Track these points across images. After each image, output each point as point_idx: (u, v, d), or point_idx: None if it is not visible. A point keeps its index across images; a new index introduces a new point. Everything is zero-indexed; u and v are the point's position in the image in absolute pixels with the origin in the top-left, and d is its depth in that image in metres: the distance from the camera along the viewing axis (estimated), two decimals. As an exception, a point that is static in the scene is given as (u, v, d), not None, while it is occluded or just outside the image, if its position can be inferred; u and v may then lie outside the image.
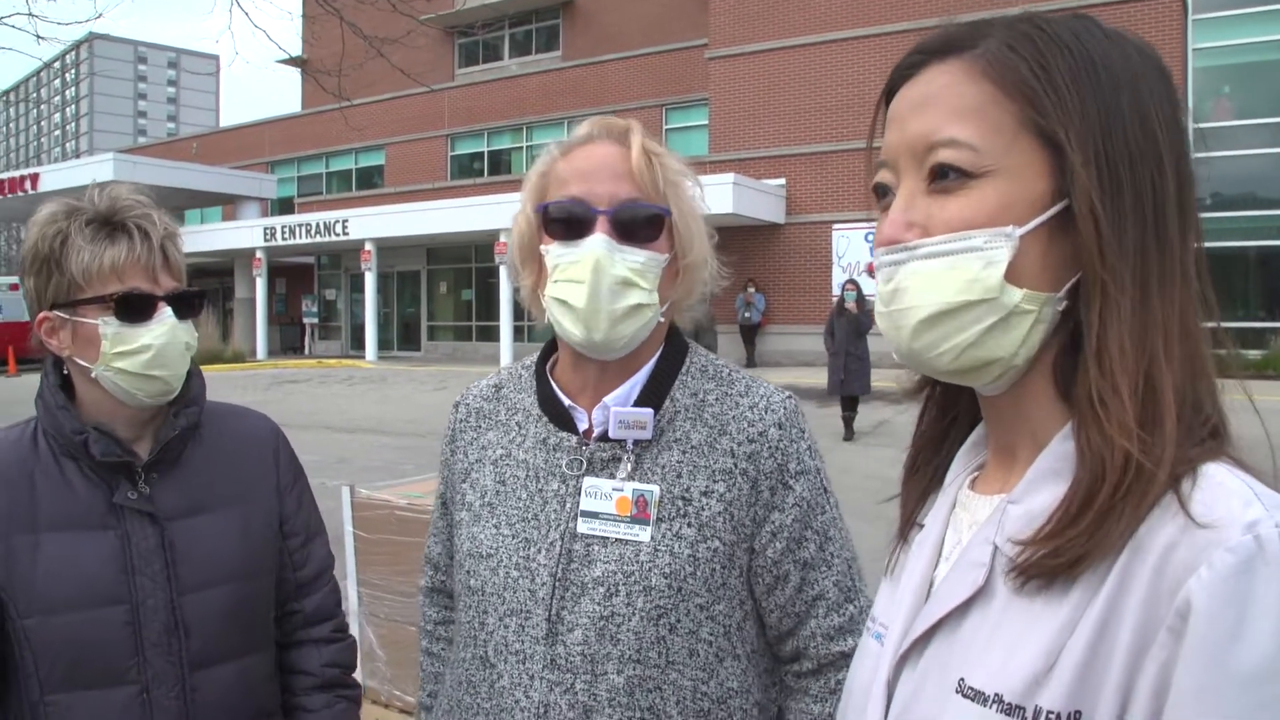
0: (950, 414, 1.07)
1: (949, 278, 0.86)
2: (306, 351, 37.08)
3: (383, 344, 33.43)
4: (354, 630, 4.20)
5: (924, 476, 1.08)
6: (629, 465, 1.50)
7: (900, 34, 23.95)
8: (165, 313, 1.71)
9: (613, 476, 1.50)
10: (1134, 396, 0.81)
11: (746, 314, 25.59)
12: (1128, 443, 0.79)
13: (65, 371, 1.79)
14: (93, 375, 1.71)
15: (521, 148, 35.26)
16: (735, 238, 26.07)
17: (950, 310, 0.87)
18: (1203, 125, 22.91)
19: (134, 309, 1.69)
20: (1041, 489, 0.87)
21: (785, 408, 1.56)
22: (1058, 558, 0.81)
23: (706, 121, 29.35)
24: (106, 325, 1.68)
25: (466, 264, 33.53)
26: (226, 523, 1.81)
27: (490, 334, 31.37)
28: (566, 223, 1.50)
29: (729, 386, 1.58)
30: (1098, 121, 0.84)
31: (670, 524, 1.47)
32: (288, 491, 1.94)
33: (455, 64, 39.66)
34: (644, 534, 1.46)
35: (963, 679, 0.86)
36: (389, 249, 32.06)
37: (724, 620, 1.49)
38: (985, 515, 0.94)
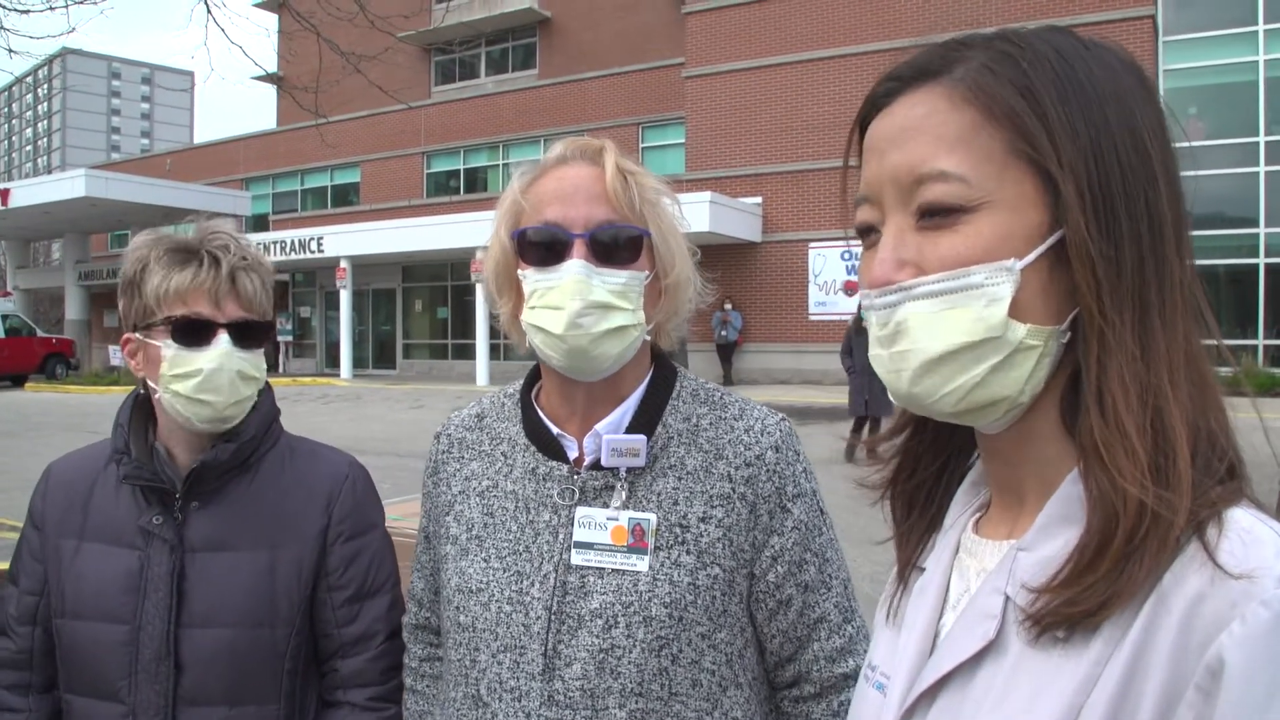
0: (946, 451, 1.02)
1: (951, 318, 0.82)
2: (281, 369, 36.86)
3: (358, 362, 33.27)
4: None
5: (923, 518, 1.03)
6: (623, 493, 1.46)
7: (877, 53, 24.10)
8: (222, 339, 1.72)
9: (607, 505, 1.46)
10: (1142, 437, 0.76)
11: (723, 332, 25.61)
12: (1138, 489, 0.74)
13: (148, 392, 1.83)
14: (156, 397, 1.76)
15: (498, 165, 35.26)
16: (712, 256, 25.84)
17: (953, 352, 0.82)
18: (1174, 146, 23.18)
19: (190, 333, 1.72)
20: (1054, 535, 0.82)
21: (781, 430, 1.53)
22: (1075, 606, 0.76)
23: (683, 140, 29.46)
24: (167, 348, 1.72)
25: (442, 282, 33.45)
26: (248, 564, 1.77)
27: (466, 352, 31.29)
28: (543, 248, 1.45)
29: (722, 410, 1.54)
30: (1088, 144, 0.80)
31: (669, 552, 1.43)
32: (339, 543, 1.85)
33: (432, 81, 39.67)
34: (642, 563, 1.42)
35: None
36: (364, 266, 31.96)
37: (726, 648, 1.45)
38: (993, 561, 0.89)
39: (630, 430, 1.49)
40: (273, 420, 1.88)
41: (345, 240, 30.41)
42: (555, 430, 1.53)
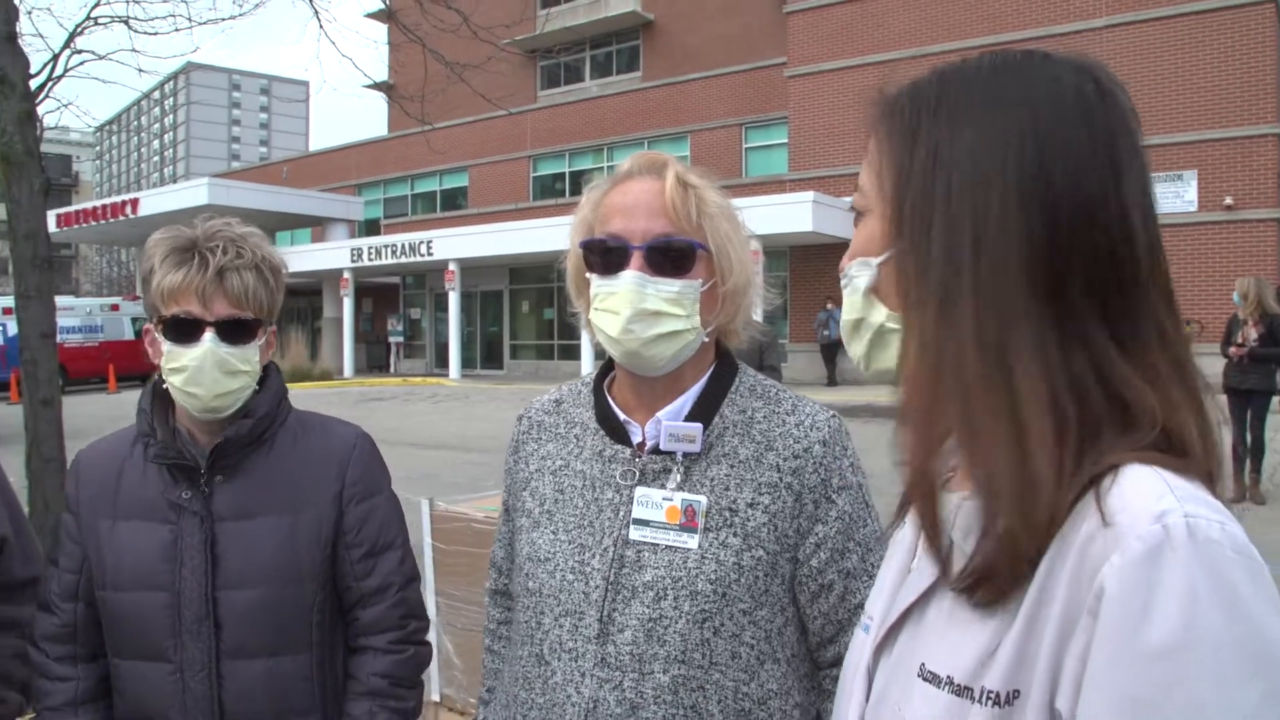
0: None
1: (848, 300, 1.06)
2: (392, 370, 37.69)
3: (466, 362, 33.85)
4: (432, 639, 4.30)
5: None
6: (678, 476, 1.59)
7: (978, 49, 23.63)
8: (206, 337, 1.87)
9: (663, 487, 1.59)
10: (929, 413, 0.93)
11: (826, 331, 25.40)
12: (909, 457, 0.96)
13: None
14: (163, 385, 1.92)
15: (603, 168, 35.44)
16: (815, 256, 25.96)
17: (849, 326, 1.07)
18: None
19: (177, 330, 1.88)
20: None
21: (830, 426, 1.63)
22: (974, 580, 0.89)
23: (786, 140, 29.35)
24: (165, 343, 1.89)
25: (548, 283, 33.80)
26: (272, 528, 1.94)
27: (571, 352, 31.60)
28: (605, 257, 1.60)
29: (776, 405, 1.66)
30: (924, 160, 0.94)
31: (717, 533, 1.55)
32: (353, 504, 2.03)
33: (537, 86, 40.17)
34: (692, 541, 1.55)
35: (924, 663, 0.94)
36: (472, 269, 32.52)
37: (765, 625, 1.56)
38: (948, 510, 1.00)
39: (689, 419, 1.62)
40: (282, 398, 2.04)
41: (454, 243, 30.99)
42: (622, 416, 1.67)
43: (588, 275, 1.64)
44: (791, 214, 23.30)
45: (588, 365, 27.49)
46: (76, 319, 29.74)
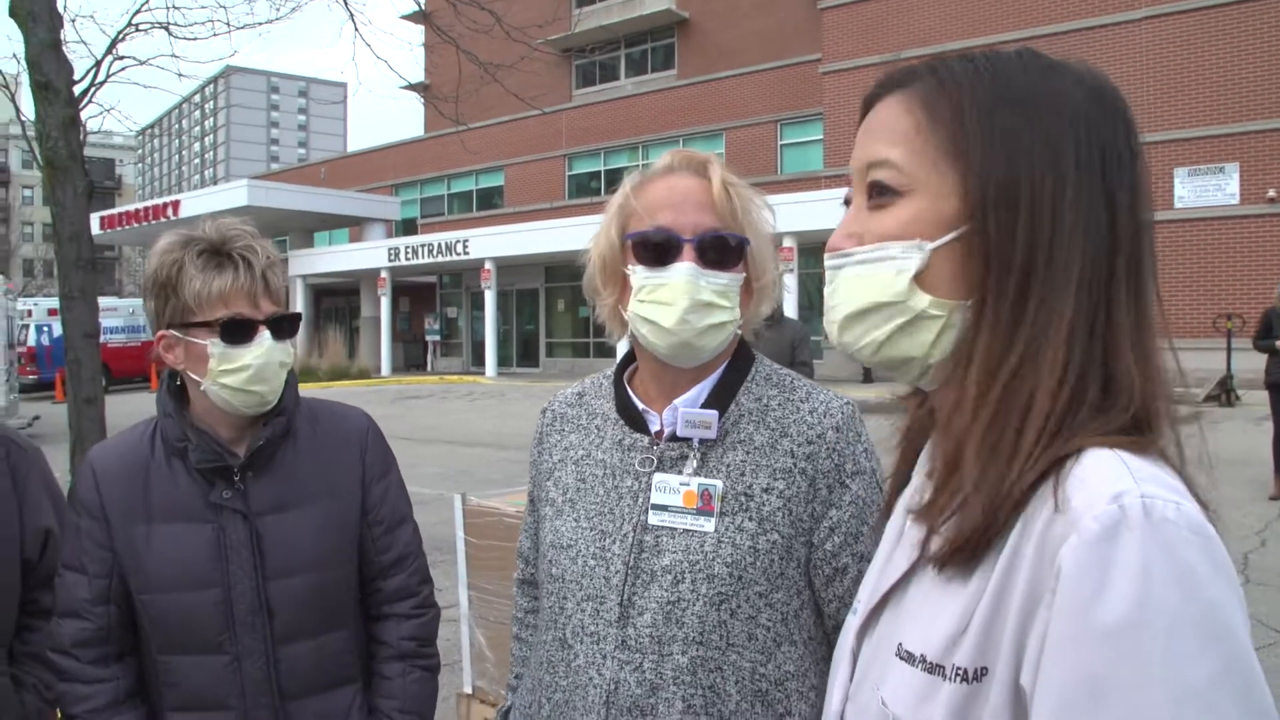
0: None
1: (868, 282, 0.99)
2: (429, 368, 37.93)
3: (502, 360, 34.04)
4: (464, 633, 4.36)
5: (902, 472, 1.18)
6: (695, 462, 1.63)
7: (1013, 43, 23.46)
8: (264, 335, 1.93)
9: (680, 472, 1.63)
10: (980, 401, 0.91)
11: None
12: (950, 445, 0.93)
13: (179, 381, 2.03)
14: (201, 389, 1.95)
15: (638, 166, 35.17)
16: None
17: (865, 310, 1.00)
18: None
19: (237, 332, 1.91)
20: None
21: (843, 413, 1.67)
22: (952, 548, 0.91)
23: (821, 136, 29.26)
24: (214, 346, 1.91)
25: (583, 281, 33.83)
26: (311, 518, 2.03)
27: (607, 350, 31.64)
28: (656, 249, 1.63)
29: (791, 393, 1.70)
30: (1004, 151, 0.93)
31: (733, 517, 1.58)
32: (373, 484, 2.14)
33: (572, 85, 40.28)
34: (709, 525, 1.58)
35: (900, 643, 0.97)
36: (508, 267, 32.69)
37: (781, 608, 1.60)
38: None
39: (706, 406, 1.66)
40: (296, 390, 2.11)
41: (490, 242, 31.19)
42: (641, 406, 1.72)
43: (631, 268, 1.66)
44: (827, 211, 23.21)
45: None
46: (119, 319, 30.17)
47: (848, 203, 1.08)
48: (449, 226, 37.42)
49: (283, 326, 1.97)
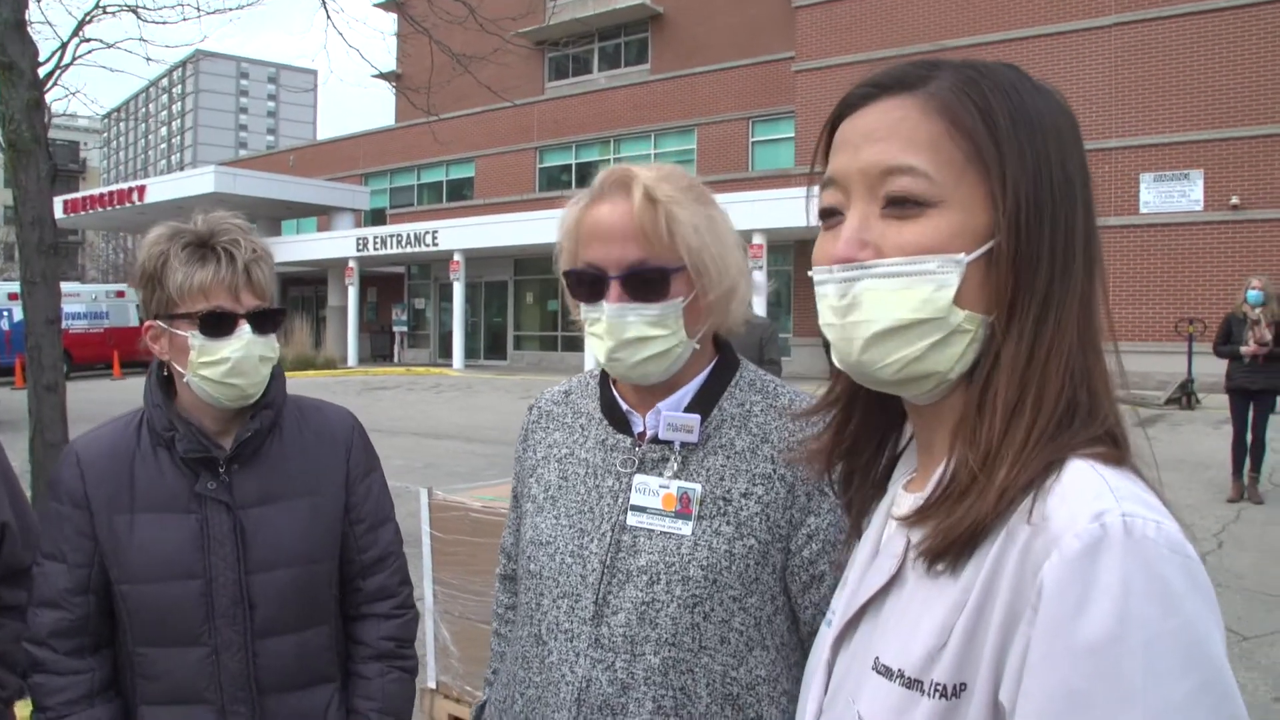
0: (880, 430, 1.16)
1: (904, 297, 0.94)
2: (396, 359, 37.76)
3: (470, 352, 33.92)
4: (428, 628, 4.34)
5: (867, 485, 1.17)
6: (675, 465, 1.63)
7: (987, 45, 23.69)
8: (244, 329, 1.93)
9: (660, 475, 1.63)
10: (1005, 411, 0.91)
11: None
12: (973, 455, 0.91)
13: (166, 372, 2.03)
14: (184, 380, 1.96)
15: (609, 160, 35.47)
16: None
17: (902, 327, 0.95)
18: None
19: (216, 325, 1.92)
20: None
21: (794, 420, 1.66)
22: (937, 540, 0.91)
23: (793, 134, 29.32)
24: (194, 338, 1.92)
25: (552, 275, 32.74)
26: (295, 512, 2.03)
27: (575, 344, 31.63)
28: (586, 286, 1.63)
29: (774, 399, 1.70)
30: (1031, 167, 0.93)
31: (710, 521, 1.59)
32: (357, 483, 2.14)
33: (545, 78, 40.14)
34: (685, 528, 1.58)
35: (878, 657, 0.96)
36: (477, 259, 32.57)
37: (755, 612, 1.60)
38: (905, 510, 1.03)
39: (688, 411, 1.66)
40: (284, 385, 2.12)
41: (459, 234, 31.03)
42: (625, 407, 1.72)
43: (572, 301, 1.68)
44: (797, 208, 23.21)
45: (590, 357, 27.45)
46: (82, 305, 29.87)
47: (826, 213, 1.04)
48: (418, 217, 37.20)
49: (265, 321, 1.97)
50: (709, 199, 1.67)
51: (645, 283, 1.59)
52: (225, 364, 1.91)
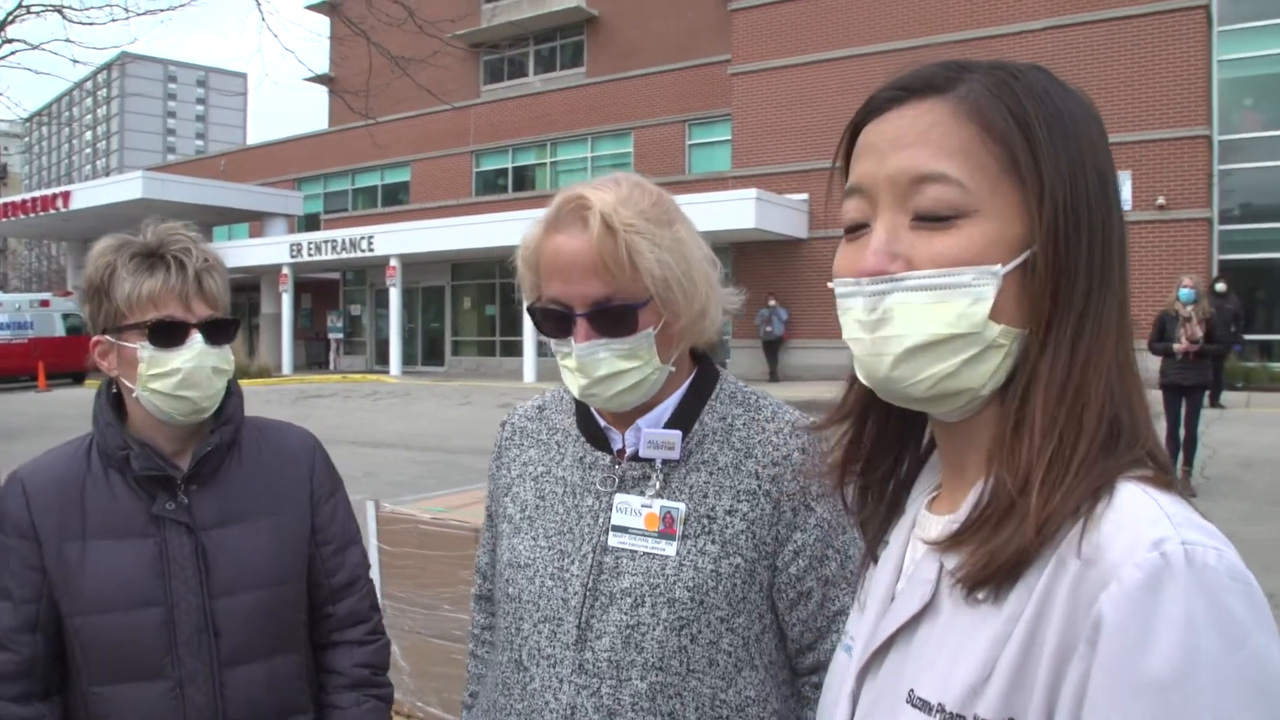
0: (897, 445, 1.11)
1: (938, 311, 0.89)
2: (331, 367, 37.34)
3: (407, 359, 33.61)
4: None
5: (883, 503, 1.12)
6: (657, 483, 1.57)
7: (922, 49, 23.98)
8: (195, 339, 1.84)
9: (642, 494, 1.57)
10: (1047, 430, 0.86)
11: (768, 328, 25.58)
12: (1012, 477, 0.86)
13: (115, 390, 1.93)
14: (134, 395, 1.86)
15: (546, 164, 35.47)
16: (757, 253, 26.11)
17: (935, 342, 0.90)
18: (1228, 138, 22.85)
19: (166, 335, 1.83)
20: None
21: (809, 433, 1.61)
22: (987, 568, 0.86)
23: (730, 137, 29.45)
24: (143, 350, 1.82)
25: (490, 280, 33.66)
26: (259, 533, 1.93)
27: (514, 349, 31.49)
28: (552, 322, 1.55)
29: (756, 412, 1.64)
30: (1067, 174, 0.89)
31: (695, 540, 1.53)
32: (322, 503, 2.05)
33: (480, 81, 39.94)
34: (670, 549, 1.53)
35: (912, 689, 0.91)
36: (414, 265, 32.27)
37: (743, 632, 1.55)
38: (935, 534, 0.97)
39: (669, 426, 1.60)
40: (242, 401, 2.03)
41: (395, 239, 30.73)
42: (603, 423, 1.65)
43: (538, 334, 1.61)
44: (734, 211, 23.41)
45: (530, 362, 27.45)
46: (4, 315, 29.10)
47: (858, 227, 0.97)
48: (353, 222, 36.83)
49: (218, 331, 1.89)
50: (674, 216, 1.58)
51: (612, 319, 1.51)
52: (176, 375, 1.82)
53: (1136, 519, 0.80)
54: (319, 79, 16.79)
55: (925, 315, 0.90)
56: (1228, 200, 22.88)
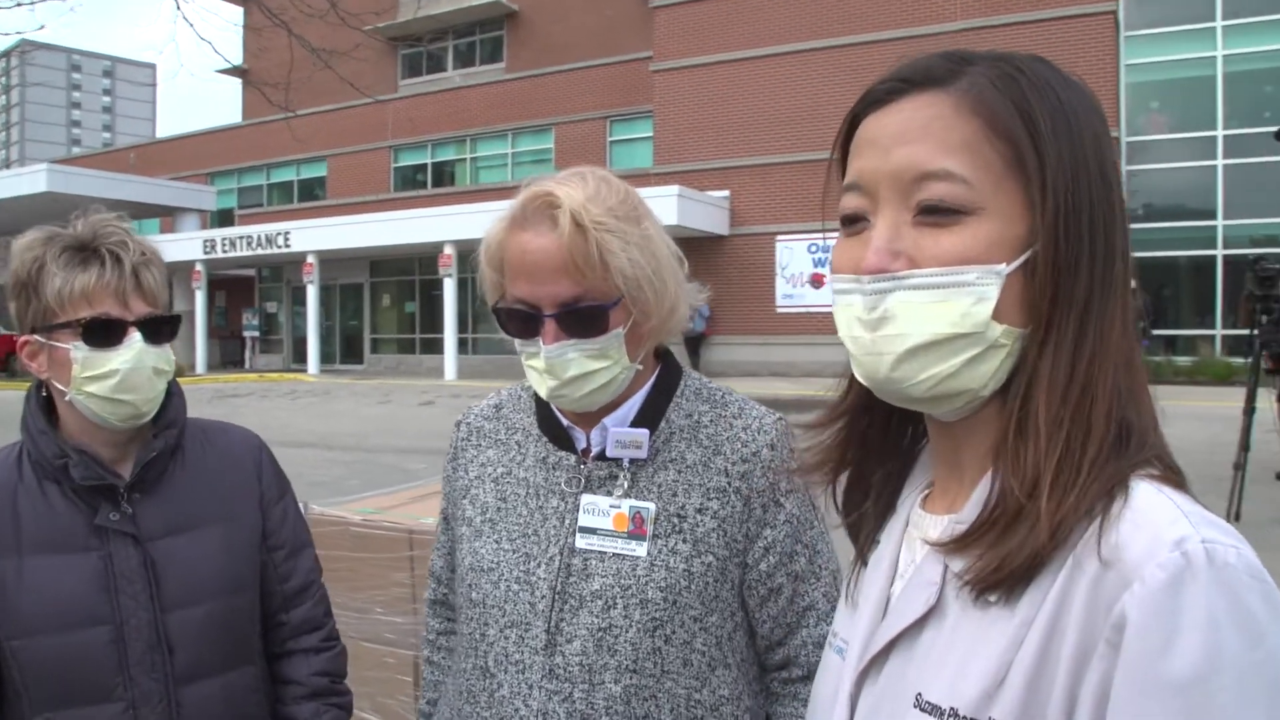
0: (887, 451, 1.10)
1: (940, 310, 0.88)
2: (247, 365, 36.65)
3: (325, 357, 33.13)
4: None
5: (876, 506, 1.10)
6: (625, 483, 1.55)
7: (843, 48, 24.29)
8: (134, 337, 1.72)
9: (610, 494, 1.55)
10: (1052, 430, 0.85)
11: (690, 324, 25.63)
12: (1018, 481, 0.85)
13: (47, 394, 1.80)
14: (67, 399, 1.73)
15: (465, 159, 35.17)
16: (680, 249, 26.21)
17: (937, 342, 0.88)
18: (1135, 139, 23.51)
19: (102, 334, 1.70)
20: None
21: (777, 429, 1.61)
22: (999, 571, 0.85)
23: (651, 134, 29.49)
24: (77, 350, 1.70)
25: (410, 276, 33.33)
26: (209, 541, 1.83)
27: (434, 346, 31.20)
28: (520, 324, 1.52)
29: (723, 409, 1.63)
30: (1070, 170, 0.88)
31: (666, 540, 1.52)
32: (272, 506, 1.96)
33: (398, 75, 39.40)
34: (640, 549, 1.51)
35: (920, 693, 0.89)
36: (331, 261, 31.81)
37: (716, 631, 1.54)
38: (935, 533, 0.97)
39: (635, 425, 1.58)
40: (184, 403, 1.92)
41: (312, 235, 30.26)
42: (565, 422, 1.62)
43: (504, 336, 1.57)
44: (656, 207, 22.82)
45: (451, 359, 27.22)
46: (-99, 312, 27.99)
47: (850, 219, 0.95)
48: (269, 218, 36.14)
49: (158, 329, 1.76)
50: (641, 212, 1.56)
51: (582, 320, 1.48)
52: (114, 377, 1.69)
53: (1155, 519, 0.80)
54: (233, 70, 16.45)
55: (928, 314, 0.88)
56: (1134, 200, 23.51)
